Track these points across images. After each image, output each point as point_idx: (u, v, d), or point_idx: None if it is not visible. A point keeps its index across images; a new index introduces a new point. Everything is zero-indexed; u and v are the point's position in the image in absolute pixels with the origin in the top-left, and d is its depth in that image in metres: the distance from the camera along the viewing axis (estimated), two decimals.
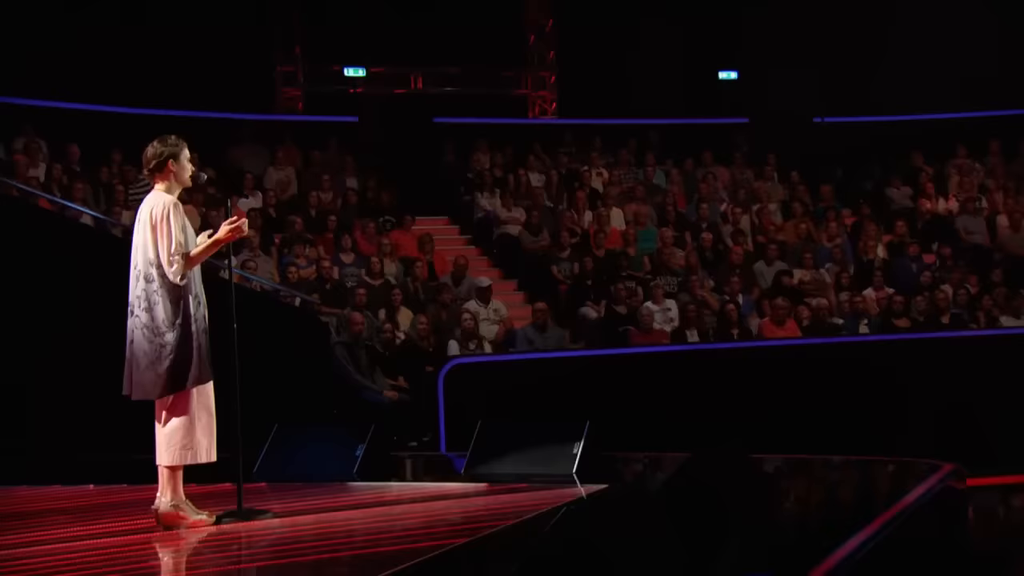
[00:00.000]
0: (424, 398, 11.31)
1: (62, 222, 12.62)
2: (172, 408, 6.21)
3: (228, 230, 6.30)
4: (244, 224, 6.40)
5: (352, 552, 5.40)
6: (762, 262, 13.80)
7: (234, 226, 6.31)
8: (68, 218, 12.77)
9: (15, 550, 5.76)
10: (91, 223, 12.92)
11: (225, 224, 6.36)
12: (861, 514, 5.58)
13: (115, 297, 11.11)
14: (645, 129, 16.49)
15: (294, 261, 13.14)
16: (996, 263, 14.21)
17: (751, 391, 10.61)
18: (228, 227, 6.31)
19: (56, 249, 11.64)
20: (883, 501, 5.95)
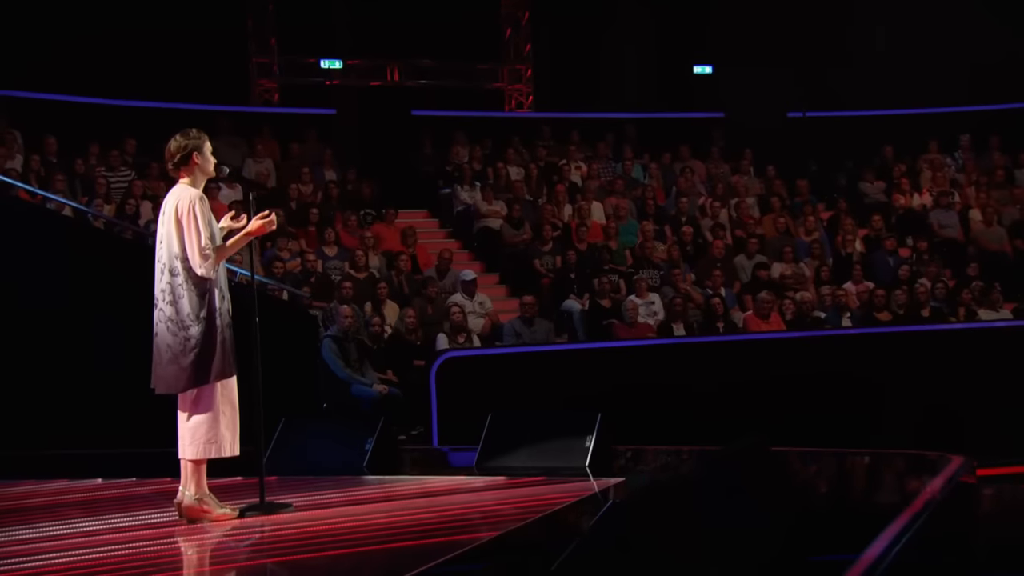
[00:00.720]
0: (414, 391, 11.32)
1: (44, 214, 12.54)
2: (196, 402, 6.21)
3: (260, 224, 6.32)
4: (274, 219, 6.41)
5: (386, 546, 5.41)
6: (743, 256, 13.93)
7: (266, 220, 6.32)
8: (50, 210, 12.68)
9: (37, 544, 5.76)
10: (71, 214, 12.86)
11: (256, 218, 6.37)
12: (888, 507, 5.67)
13: (101, 288, 11.23)
14: (622, 123, 16.59)
15: (278, 255, 13.12)
16: (970, 257, 14.42)
17: (743, 384, 10.71)
18: (260, 221, 6.32)
19: (38, 241, 11.60)
20: (905, 495, 6.04)
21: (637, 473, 7.37)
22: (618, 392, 10.23)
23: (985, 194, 15.63)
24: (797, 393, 10.88)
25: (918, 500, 5.62)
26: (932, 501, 5.59)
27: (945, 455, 6.90)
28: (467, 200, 15.00)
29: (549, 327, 12.27)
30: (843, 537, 5.28)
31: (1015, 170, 16.40)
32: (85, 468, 8.37)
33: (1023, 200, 15.62)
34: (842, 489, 7.02)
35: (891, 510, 5.44)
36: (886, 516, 5.28)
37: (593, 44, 17.30)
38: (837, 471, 7.48)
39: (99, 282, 11.36)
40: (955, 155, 16.70)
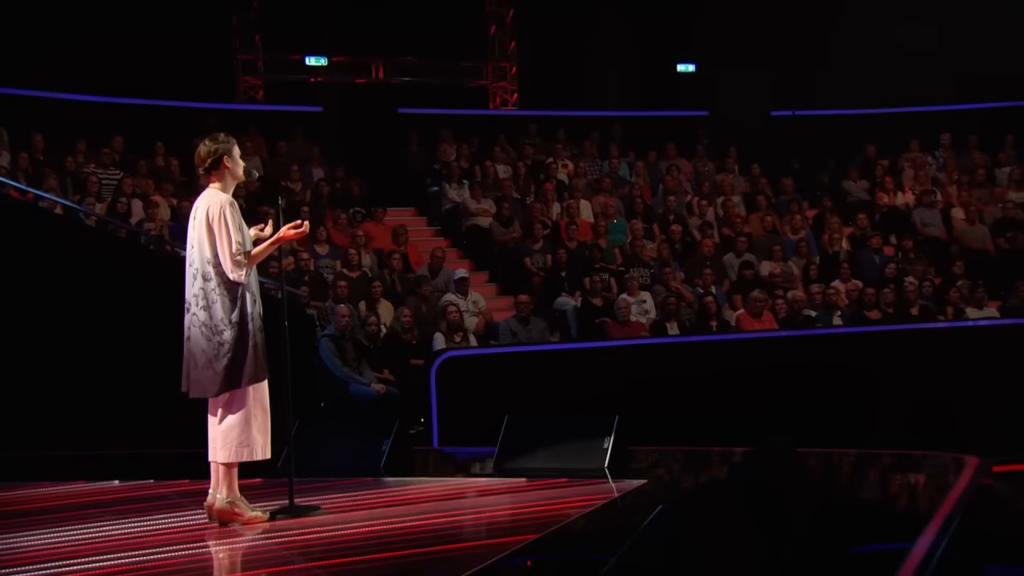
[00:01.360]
0: (412, 390, 11.36)
1: (36, 212, 12.48)
2: (228, 405, 6.24)
3: (293, 232, 6.34)
4: (306, 228, 6.45)
5: (425, 549, 5.45)
6: (732, 254, 14.04)
7: (299, 230, 6.35)
8: (43, 208, 12.62)
9: (73, 547, 5.78)
10: (62, 212, 12.81)
11: (288, 226, 6.39)
12: (918, 509, 5.78)
13: (93, 287, 11.19)
14: (608, 121, 16.67)
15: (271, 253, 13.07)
16: (954, 256, 14.60)
17: (742, 383, 10.82)
18: (292, 231, 6.35)
19: (31, 239, 11.55)
20: (932, 496, 6.15)
21: (660, 476, 7.41)
22: (622, 391, 10.32)
23: (967, 193, 15.82)
24: (792, 392, 10.99)
25: (948, 501, 5.73)
26: (961, 502, 5.70)
27: (961, 456, 7.02)
28: (455, 198, 15.04)
29: (544, 326, 12.34)
30: (877, 537, 5.38)
31: (995, 169, 16.61)
32: (94, 470, 8.37)
33: (1003, 199, 15.81)
34: (867, 490, 7.11)
35: (922, 511, 5.55)
36: (919, 518, 5.39)
37: (577, 42, 17.38)
38: (857, 471, 7.59)
39: (93, 281, 11.34)
40: (936, 154, 16.90)
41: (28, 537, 6.20)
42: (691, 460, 8.15)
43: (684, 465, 8.06)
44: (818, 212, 15.54)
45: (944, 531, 5.09)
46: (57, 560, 5.56)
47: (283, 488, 6.52)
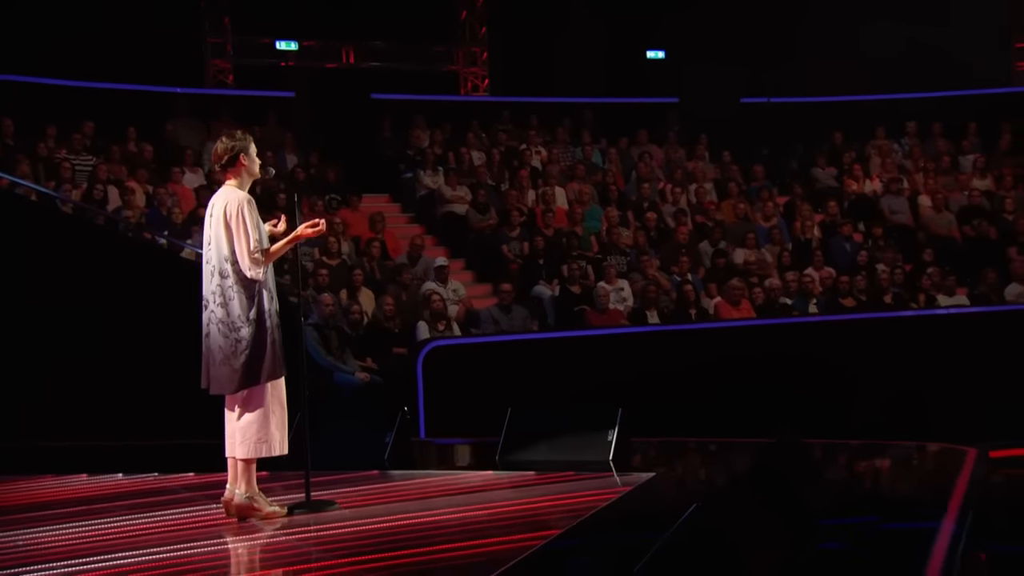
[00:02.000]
0: (396, 379, 11.40)
1: (12, 199, 12.38)
2: (247, 402, 6.28)
3: (310, 231, 6.37)
4: (323, 226, 6.48)
5: (456, 544, 5.52)
6: (707, 242, 14.18)
7: (316, 229, 6.38)
8: (18, 195, 12.51)
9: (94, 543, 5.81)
10: (38, 200, 12.70)
11: (305, 224, 6.42)
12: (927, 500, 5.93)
13: (71, 276, 11.13)
14: (580, 108, 16.73)
15: None
16: (921, 243, 14.83)
17: (728, 371, 10.97)
18: (309, 229, 6.38)
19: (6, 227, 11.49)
20: (938, 487, 6.30)
21: (668, 469, 7.52)
22: (611, 381, 10.43)
23: (933, 180, 16.07)
24: (773, 380, 11.16)
25: (957, 491, 5.89)
26: (972, 492, 5.87)
27: (958, 447, 7.20)
28: (430, 185, 15.05)
29: (525, 314, 12.41)
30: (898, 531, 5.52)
31: (959, 156, 16.87)
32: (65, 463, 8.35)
33: (968, 186, 16.08)
34: (871, 481, 7.26)
35: (932, 503, 5.71)
36: (932, 509, 5.55)
37: (547, 28, 17.40)
38: (858, 463, 7.75)
39: (71, 270, 11.29)
40: (901, 141, 17.13)
41: (39, 533, 6.24)
42: (694, 453, 8.27)
43: (688, 458, 8.17)
44: (788, 199, 15.71)
45: (962, 520, 5.23)
46: (77, 557, 5.59)
47: (293, 481, 6.57)
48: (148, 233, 12.66)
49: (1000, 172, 16.37)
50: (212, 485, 7.43)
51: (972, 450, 6.97)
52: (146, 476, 7.83)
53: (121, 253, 12.03)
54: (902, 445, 7.97)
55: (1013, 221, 15.33)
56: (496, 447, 7.97)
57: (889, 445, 8.13)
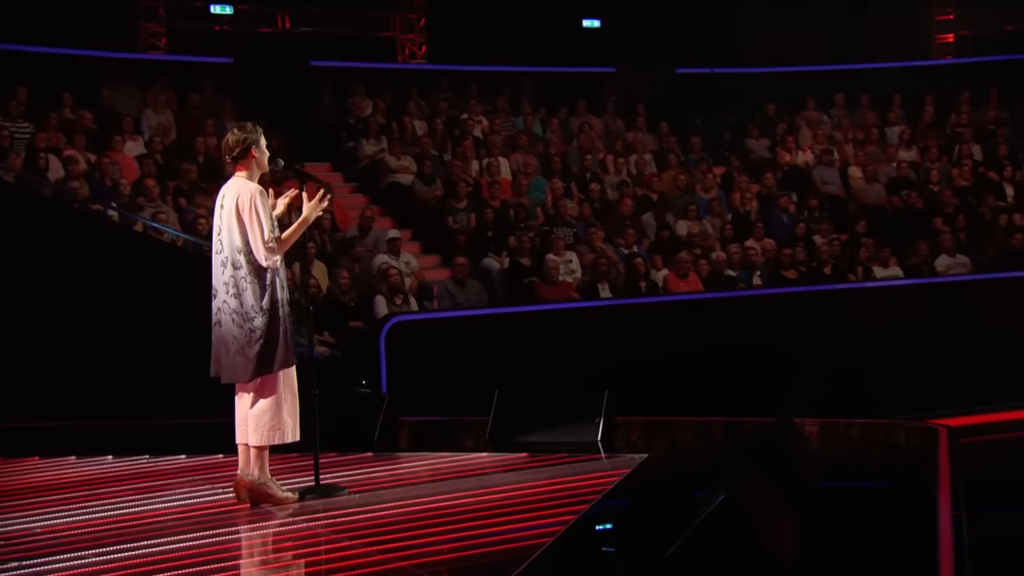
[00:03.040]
0: (354, 354, 11.45)
1: None
2: (260, 390, 6.35)
3: (316, 211, 6.42)
4: (328, 199, 6.53)
5: (480, 530, 5.66)
6: (650, 214, 14.41)
7: (323, 205, 6.44)
8: None
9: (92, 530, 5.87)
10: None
11: (309, 204, 6.48)
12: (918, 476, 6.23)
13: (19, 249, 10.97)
14: (519, 77, 16.79)
15: (195, 211, 12.98)
16: (853, 214, 15.24)
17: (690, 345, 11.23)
18: (317, 210, 6.43)
19: None
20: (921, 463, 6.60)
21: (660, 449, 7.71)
22: (573, 355, 10.62)
23: (862, 152, 16.48)
24: (726, 354, 11.45)
25: (942, 469, 6.22)
26: (958, 469, 6.19)
27: (925, 424, 7.53)
28: (373, 154, 15.04)
29: (480, 287, 12.54)
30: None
31: (885, 128, 17.32)
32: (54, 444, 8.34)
33: (895, 158, 16.53)
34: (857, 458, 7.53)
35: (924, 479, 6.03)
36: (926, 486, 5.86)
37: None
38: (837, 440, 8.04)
39: (22, 244, 11.13)
40: (831, 113, 17.52)
41: (57, 517, 6.27)
42: (674, 433, 8.49)
43: (671, 438, 8.39)
44: (725, 171, 15.99)
45: (958, 501, 5.54)
46: (101, 544, 5.65)
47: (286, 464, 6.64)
48: (98, 205, 12.49)
49: (925, 144, 16.86)
50: (204, 468, 7.50)
51: (942, 429, 7.30)
52: (137, 458, 7.82)
53: (71, 226, 11.85)
54: (875, 424, 8.29)
55: (938, 192, 15.82)
56: (476, 426, 8.12)
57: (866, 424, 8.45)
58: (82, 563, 5.40)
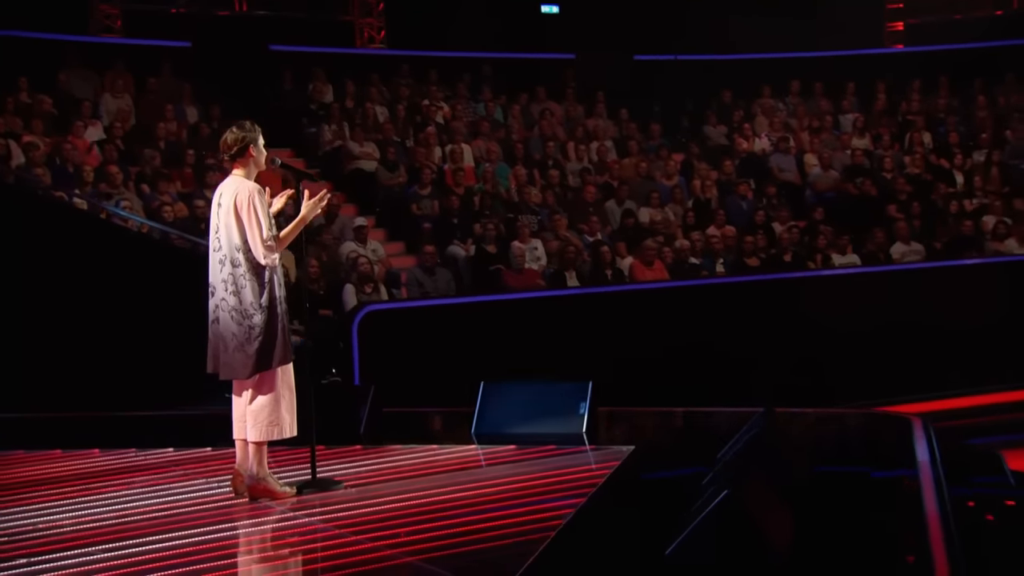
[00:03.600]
0: (324, 342, 11.45)
1: None
2: (258, 387, 6.39)
3: (315, 211, 6.47)
4: (327, 198, 6.56)
5: (481, 524, 5.74)
6: (613, 201, 14.52)
7: (323, 204, 6.47)
8: None
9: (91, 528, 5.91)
10: None
11: (311, 203, 6.51)
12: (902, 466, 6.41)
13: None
14: (479, 62, 16.81)
15: (159, 199, 12.91)
16: (811, 201, 15.46)
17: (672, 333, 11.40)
18: (316, 209, 6.47)
19: None
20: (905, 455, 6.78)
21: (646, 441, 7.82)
22: (542, 342, 10.71)
23: (818, 139, 16.70)
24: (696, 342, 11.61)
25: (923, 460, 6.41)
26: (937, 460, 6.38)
27: (902, 415, 7.73)
28: (335, 140, 15.00)
29: (449, 276, 12.58)
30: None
31: (839, 116, 17.56)
32: None
33: (850, 145, 16.77)
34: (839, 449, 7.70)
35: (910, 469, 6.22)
36: None
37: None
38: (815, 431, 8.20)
39: None
40: (786, 100, 17.72)
41: (58, 512, 6.28)
42: (658, 423, 8.62)
43: (656, 429, 8.50)
44: (684, 158, 16.14)
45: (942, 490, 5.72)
46: (106, 542, 5.66)
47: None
48: (61, 192, 12.38)
49: (878, 132, 17.12)
50: (195, 461, 7.53)
51: (917, 419, 7.50)
52: (125, 452, 7.83)
53: (36, 215, 11.74)
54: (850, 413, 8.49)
55: (891, 180, 16.08)
56: (459, 417, 8.20)
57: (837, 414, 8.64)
58: (91, 559, 5.42)
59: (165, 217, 12.51)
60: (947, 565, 4.44)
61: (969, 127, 17.43)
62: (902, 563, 4.89)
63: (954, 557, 4.56)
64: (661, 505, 5.98)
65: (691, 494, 5.81)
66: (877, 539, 5.19)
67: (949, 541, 4.85)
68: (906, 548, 5.05)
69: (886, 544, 5.12)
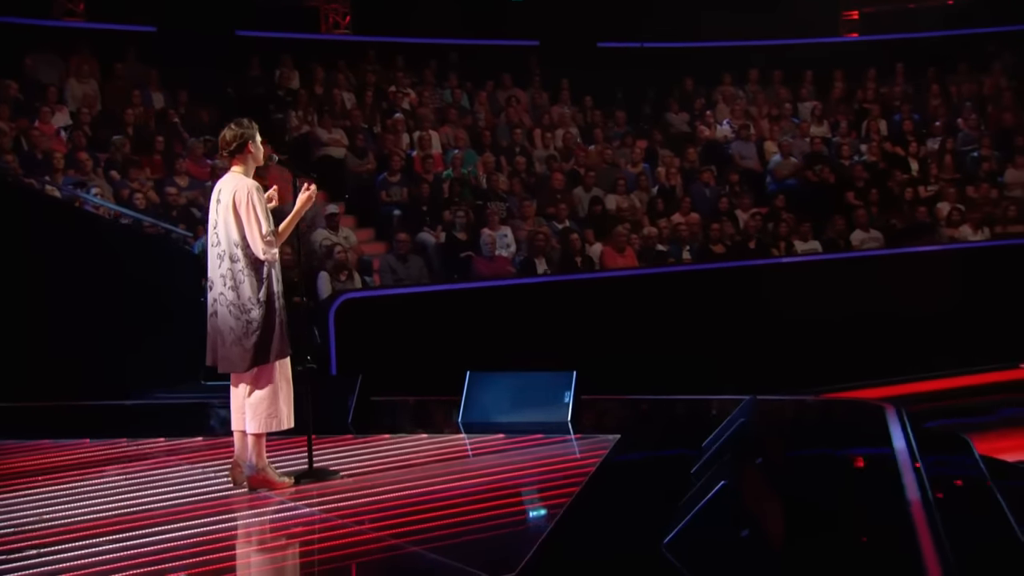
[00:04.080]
0: (300, 331, 11.54)
1: None
2: (257, 379, 6.53)
3: (308, 204, 6.60)
4: (314, 191, 6.67)
5: (481, 514, 5.92)
6: (580, 188, 14.71)
7: (310, 196, 6.60)
8: None
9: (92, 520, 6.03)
10: None
11: (303, 198, 6.64)
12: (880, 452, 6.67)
13: None
14: (445, 49, 16.91)
15: (130, 186, 12.95)
16: (771, 189, 15.73)
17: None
18: (307, 202, 6.60)
19: None
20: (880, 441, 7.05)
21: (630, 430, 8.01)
22: (518, 329, 10.89)
23: (777, 127, 16.98)
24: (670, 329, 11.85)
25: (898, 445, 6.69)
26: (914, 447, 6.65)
27: (878, 403, 8.00)
28: (302, 126, 15.06)
29: (421, 263, 12.73)
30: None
31: (798, 104, 17.85)
32: None
33: (808, 133, 17.05)
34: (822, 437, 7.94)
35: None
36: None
37: None
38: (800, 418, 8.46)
39: None
40: (746, 88, 17.97)
41: (59, 503, 6.41)
42: (641, 412, 8.82)
43: (637, 418, 8.70)
44: (647, 145, 16.34)
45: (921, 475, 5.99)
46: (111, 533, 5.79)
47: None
48: (32, 180, 12.38)
49: (835, 119, 17.43)
50: (187, 451, 7.65)
51: (890, 407, 7.77)
52: (116, 441, 7.93)
53: (9, 202, 11.71)
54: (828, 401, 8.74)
55: (849, 167, 16.39)
56: (444, 405, 8.38)
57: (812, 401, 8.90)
58: (98, 551, 5.54)
59: (137, 204, 12.55)
60: (935, 556, 4.67)
61: (923, 115, 17.78)
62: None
63: (941, 546, 4.79)
64: (653, 493, 6.17)
65: (680, 482, 6.04)
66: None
67: (934, 529, 5.08)
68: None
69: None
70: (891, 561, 4.89)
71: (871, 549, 5.09)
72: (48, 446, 7.93)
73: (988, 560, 4.98)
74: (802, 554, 5.06)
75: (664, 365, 11.33)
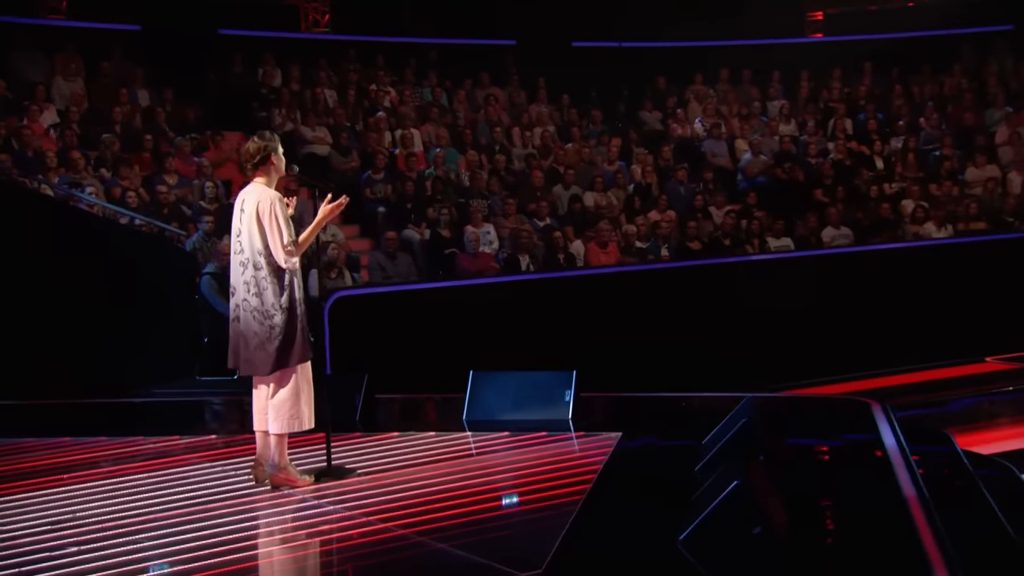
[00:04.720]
0: None
1: None
2: (279, 382, 6.84)
3: (332, 215, 6.89)
4: (344, 200, 6.97)
5: (499, 511, 6.26)
6: (560, 186, 15.05)
7: (337, 205, 6.88)
8: None
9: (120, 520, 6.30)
10: None
11: (329, 208, 6.94)
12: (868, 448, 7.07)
13: None
14: (425, 48, 17.19)
15: (121, 184, 13.15)
16: (743, 186, 16.14)
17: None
18: (332, 214, 6.89)
19: None
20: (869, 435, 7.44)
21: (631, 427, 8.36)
22: (510, 327, 11.22)
23: (747, 125, 17.39)
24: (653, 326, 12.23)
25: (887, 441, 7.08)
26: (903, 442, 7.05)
27: (861, 399, 8.41)
28: (286, 124, 15.30)
29: (410, 260, 13.03)
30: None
31: (767, 102, 18.28)
32: None
33: (777, 131, 17.48)
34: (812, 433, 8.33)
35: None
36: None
37: None
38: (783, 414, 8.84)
39: None
40: (716, 87, 18.38)
41: (90, 500, 6.67)
42: (642, 410, 9.18)
43: (639, 416, 9.04)
44: (623, 143, 16.70)
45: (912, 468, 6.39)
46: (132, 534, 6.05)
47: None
48: (25, 179, 12.56)
49: (803, 118, 17.87)
50: (207, 448, 7.93)
51: (874, 403, 8.18)
52: (133, 439, 8.19)
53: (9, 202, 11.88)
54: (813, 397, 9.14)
55: (817, 165, 16.83)
56: (446, 403, 8.71)
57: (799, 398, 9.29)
58: (137, 547, 5.82)
59: (129, 203, 12.77)
60: (937, 549, 5.05)
61: (887, 114, 18.26)
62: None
63: (941, 539, 5.18)
64: (661, 490, 6.53)
65: (686, 479, 6.40)
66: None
67: (932, 522, 5.45)
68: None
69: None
70: (893, 554, 5.26)
71: (873, 543, 5.46)
72: (68, 443, 8.17)
73: (984, 551, 5.36)
74: (810, 550, 5.41)
75: (646, 360, 11.68)
